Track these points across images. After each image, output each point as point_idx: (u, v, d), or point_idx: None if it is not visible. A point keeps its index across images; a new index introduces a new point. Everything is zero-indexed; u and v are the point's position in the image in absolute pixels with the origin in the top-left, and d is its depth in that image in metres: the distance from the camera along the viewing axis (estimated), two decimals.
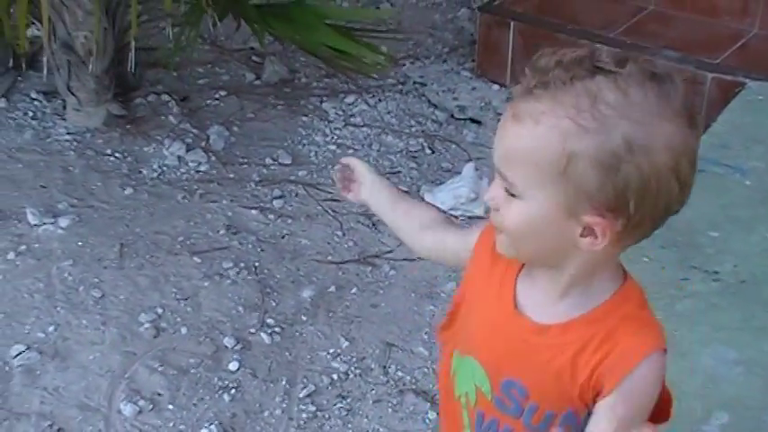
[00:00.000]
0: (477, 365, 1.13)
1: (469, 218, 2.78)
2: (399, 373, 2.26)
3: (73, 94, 3.03)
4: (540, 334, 1.07)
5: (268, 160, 3.02)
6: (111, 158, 2.95)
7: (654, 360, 1.04)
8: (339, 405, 2.16)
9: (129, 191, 2.80)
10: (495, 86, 3.49)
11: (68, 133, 3.04)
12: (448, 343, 1.20)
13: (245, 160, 3.02)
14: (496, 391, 1.11)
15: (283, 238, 2.69)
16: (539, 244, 1.03)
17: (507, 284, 1.11)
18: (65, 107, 3.11)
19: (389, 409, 2.16)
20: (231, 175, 2.94)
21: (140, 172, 2.90)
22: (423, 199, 2.85)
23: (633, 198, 0.96)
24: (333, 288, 2.50)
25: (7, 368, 2.18)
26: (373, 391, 2.21)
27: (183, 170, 2.93)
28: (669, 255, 2.13)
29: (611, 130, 0.94)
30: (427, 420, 2.13)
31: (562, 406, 1.07)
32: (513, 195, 1.01)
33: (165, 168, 2.93)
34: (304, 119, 3.24)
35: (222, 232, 2.67)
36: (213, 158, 2.99)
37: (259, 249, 2.62)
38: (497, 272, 1.12)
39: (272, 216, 2.76)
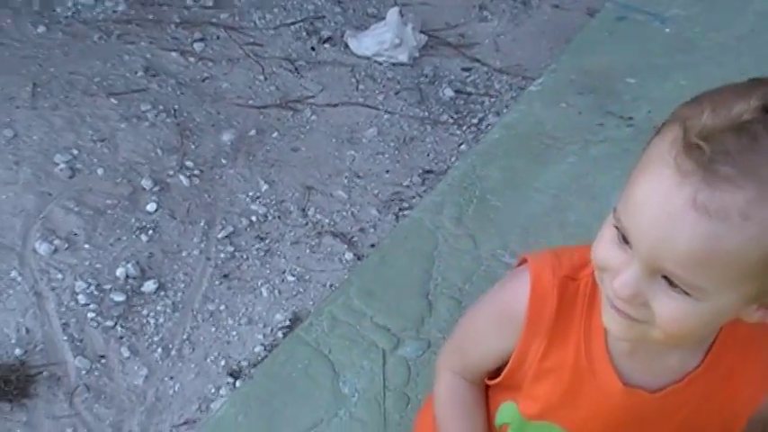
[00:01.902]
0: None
1: (393, 64, 2.76)
2: (318, 216, 2.27)
3: None
4: (660, 399, 0.97)
5: (189, 1, 2.92)
6: None
7: None
8: (257, 246, 2.18)
9: (41, 29, 2.69)
10: None
11: None
12: (496, 394, 1.11)
13: (165, 1, 2.91)
14: None
15: (204, 81, 2.64)
16: (699, 334, 0.90)
17: (599, 358, 0.98)
18: None
19: (307, 250, 2.19)
20: (150, 17, 2.84)
21: (54, 10, 2.78)
22: (347, 45, 2.80)
23: None
24: (253, 132, 2.48)
25: None
26: (292, 233, 2.23)
27: (99, 9, 2.83)
28: (586, 100, 2.15)
29: None
30: (344, 261, 2.16)
31: None
32: (684, 293, 0.82)
33: (80, 7, 2.82)
34: None
35: (140, 74, 2.60)
36: None
37: (178, 92, 2.57)
38: (569, 341, 0.99)
39: (192, 59, 2.70)
